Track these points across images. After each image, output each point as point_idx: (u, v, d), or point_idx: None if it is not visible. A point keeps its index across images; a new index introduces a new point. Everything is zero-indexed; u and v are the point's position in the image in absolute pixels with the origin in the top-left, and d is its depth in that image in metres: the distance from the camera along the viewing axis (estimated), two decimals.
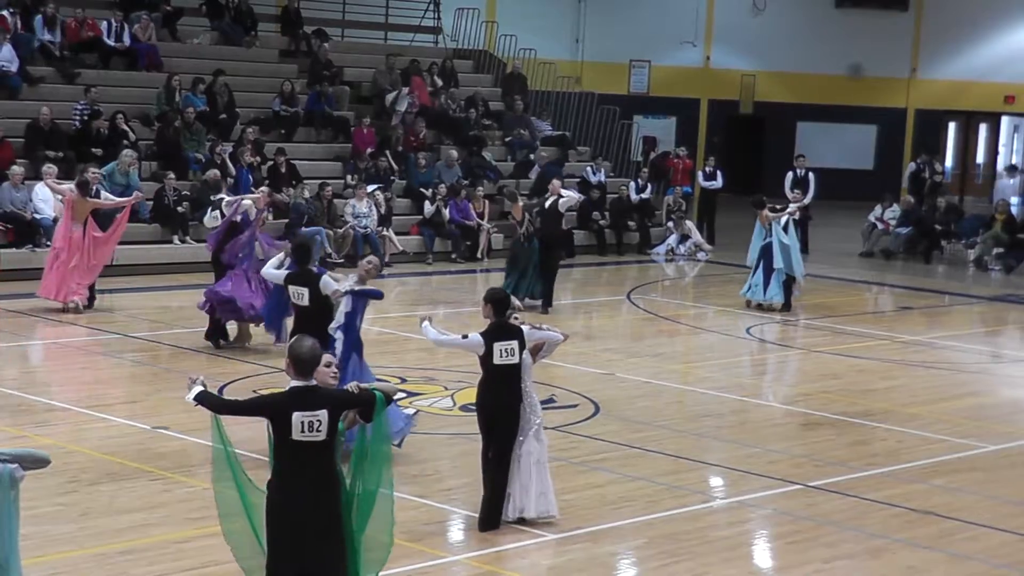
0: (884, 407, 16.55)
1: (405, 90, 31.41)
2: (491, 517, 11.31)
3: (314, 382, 8.35)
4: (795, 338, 21.99)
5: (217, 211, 18.62)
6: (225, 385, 15.95)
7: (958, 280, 28.86)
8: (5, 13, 27.52)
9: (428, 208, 28.32)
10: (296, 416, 8.16)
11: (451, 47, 35.58)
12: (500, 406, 11.42)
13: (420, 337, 13.93)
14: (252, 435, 10.71)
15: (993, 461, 14.41)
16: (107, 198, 21.35)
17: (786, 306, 22.88)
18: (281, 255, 14.84)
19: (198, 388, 8.51)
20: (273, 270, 14.55)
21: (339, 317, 13.42)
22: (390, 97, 31.30)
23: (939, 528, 11.95)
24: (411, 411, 14.20)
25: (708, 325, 22.32)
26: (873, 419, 15.89)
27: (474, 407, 12.23)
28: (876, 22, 42.15)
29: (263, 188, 20.80)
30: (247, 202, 18.45)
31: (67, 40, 28.49)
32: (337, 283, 13.50)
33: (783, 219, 22.96)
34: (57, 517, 10.92)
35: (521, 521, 11.36)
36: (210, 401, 8.52)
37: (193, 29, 31.38)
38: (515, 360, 11.38)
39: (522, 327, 11.59)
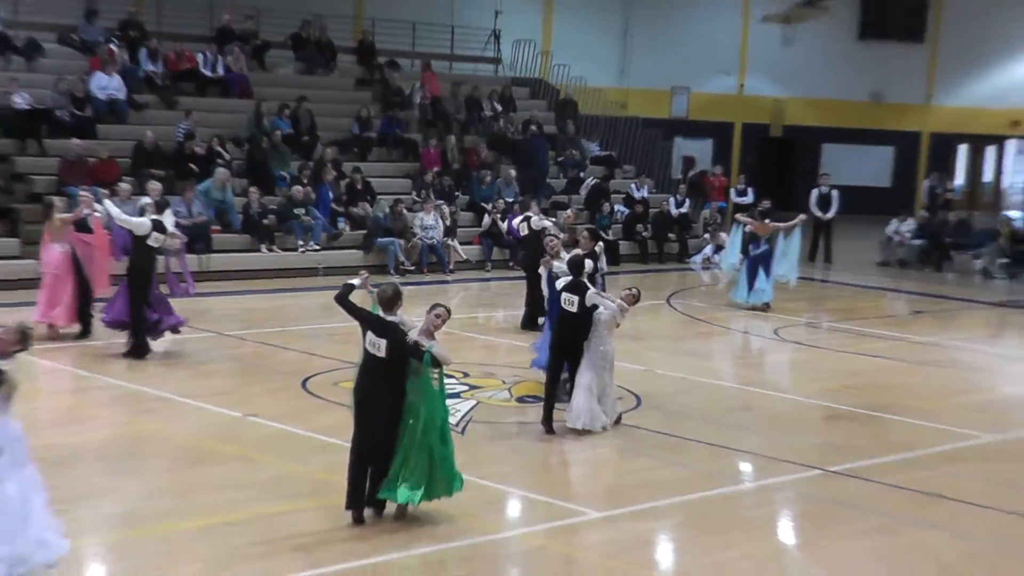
0: (899, 401, 16.54)
1: (417, 84, 31.75)
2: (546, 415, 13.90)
3: (393, 318, 10.53)
4: (819, 339, 22.00)
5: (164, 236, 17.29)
6: (307, 379, 16.16)
7: (966, 287, 28.73)
8: (114, 47, 27.90)
9: (485, 220, 28.51)
10: (369, 334, 10.52)
11: (509, 75, 35.72)
12: (567, 342, 13.90)
13: (482, 336, 14.18)
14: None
15: (995, 450, 14.43)
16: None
17: (767, 305, 22.96)
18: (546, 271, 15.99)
19: (354, 281, 10.90)
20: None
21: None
22: (407, 90, 31.75)
23: (946, 509, 12.00)
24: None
25: (740, 327, 22.33)
26: (889, 412, 15.90)
27: (530, 399, 13.43)
28: (895, 53, 42.01)
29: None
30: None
31: (168, 71, 28.83)
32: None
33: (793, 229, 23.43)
34: (164, 493, 11.14)
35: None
36: (342, 292, 10.76)
37: (279, 60, 31.67)
38: (574, 309, 13.70)
39: (589, 289, 13.80)
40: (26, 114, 25.51)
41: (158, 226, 17.08)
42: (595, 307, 13.79)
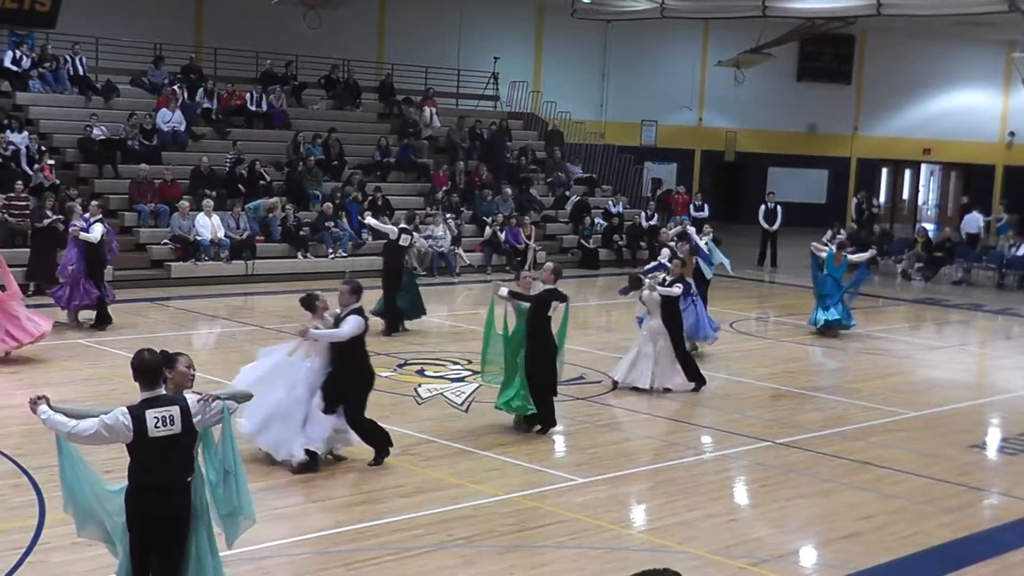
0: (833, 383, 16.49)
1: (434, 109, 31.67)
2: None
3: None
4: (767, 331, 21.90)
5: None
6: None
7: (889, 287, 28.65)
8: (177, 88, 27.84)
9: (487, 231, 28.38)
10: (555, 304, 12.79)
11: (506, 110, 35.62)
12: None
13: (482, 330, 14.02)
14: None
15: (914, 424, 14.34)
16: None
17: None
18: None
19: (503, 292, 12.82)
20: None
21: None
22: (423, 118, 31.62)
23: (874, 474, 11.91)
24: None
25: None
26: (825, 392, 15.84)
27: None
28: (827, 92, 41.95)
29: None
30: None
31: (221, 107, 28.74)
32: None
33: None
34: None
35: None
36: (508, 295, 12.82)
37: (313, 98, 31.57)
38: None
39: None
40: (103, 143, 25.48)
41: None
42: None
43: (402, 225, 19.64)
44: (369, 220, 20.81)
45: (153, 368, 7.09)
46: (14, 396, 13.92)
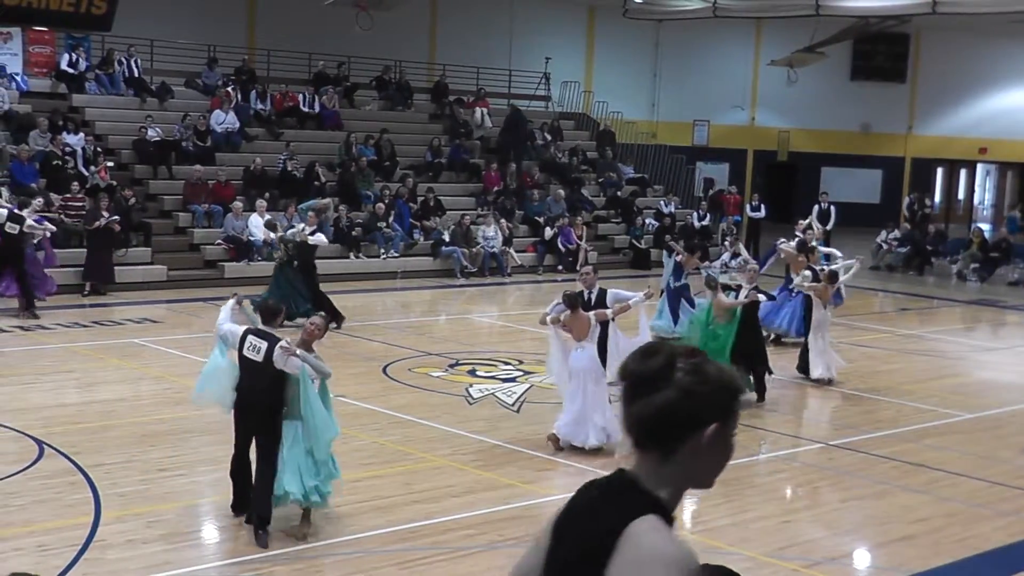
0: (887, 384, 16.31)
1: (486, 110, 31.75)
2: None
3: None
4: None
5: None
6: (387, 365, 16.05)
7: (944, 288, 28.36)
8: (230, 89, 28.05)
9: (548, 232, 28.35)
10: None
11: (558, 110, 35.60)
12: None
13: (534, 329, 14.01)
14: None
15: (970, 426, 14.17)
16: None
17: None
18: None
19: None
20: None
21: None
22: (475, 119, 31.83)
23: (928, 477, 11.78)
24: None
25: None
26: (878, 393, 15.68)
27: None
28: (881, 91, 41.56)
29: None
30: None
31: (274, 108, 28.91)
32: None
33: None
34: None
35: None
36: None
37: (365, 99, 31.70)
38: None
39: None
40: (158, 145, 25.69)
41: (13, 217, 18.35)
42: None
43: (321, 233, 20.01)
44: (315, 239, 19.63)
45: (270, 310, 9.52)
46: (70, 395, 14.09)
